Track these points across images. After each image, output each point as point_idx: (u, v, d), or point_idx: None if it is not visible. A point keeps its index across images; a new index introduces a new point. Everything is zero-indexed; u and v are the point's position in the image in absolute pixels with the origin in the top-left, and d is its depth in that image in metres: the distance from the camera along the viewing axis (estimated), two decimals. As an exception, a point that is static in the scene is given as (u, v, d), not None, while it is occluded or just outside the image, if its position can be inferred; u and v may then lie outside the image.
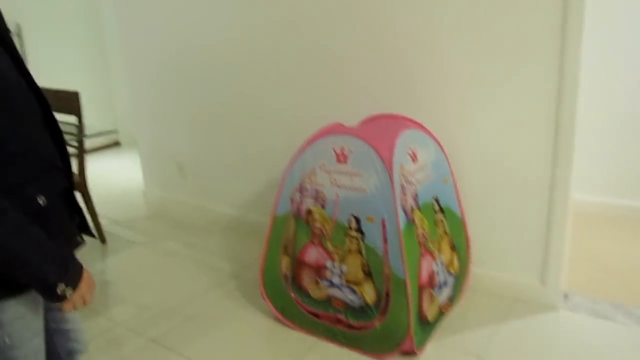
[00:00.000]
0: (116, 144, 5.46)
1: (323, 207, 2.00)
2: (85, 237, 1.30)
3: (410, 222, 1.89)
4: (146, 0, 3.19)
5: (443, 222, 2.12)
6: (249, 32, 2.78)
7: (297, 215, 2.08)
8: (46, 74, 4.76)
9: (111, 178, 4.39)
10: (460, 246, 2.22)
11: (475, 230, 2.31)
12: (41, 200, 1.10)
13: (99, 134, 3.03)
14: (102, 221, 3.28)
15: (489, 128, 2.19)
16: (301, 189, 2.06)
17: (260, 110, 2.89)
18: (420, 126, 2.16)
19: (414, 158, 1.97)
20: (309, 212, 2.04)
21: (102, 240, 3.12)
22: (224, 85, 3.00)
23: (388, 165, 1.84)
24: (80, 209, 1.30)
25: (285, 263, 2.15)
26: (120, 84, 5.13)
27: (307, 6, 2.51)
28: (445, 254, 2.11)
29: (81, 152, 2.94)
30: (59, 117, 3.11)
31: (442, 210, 2.12)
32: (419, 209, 1.96)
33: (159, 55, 3.25)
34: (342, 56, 2.47)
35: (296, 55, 2.64)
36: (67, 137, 2.80)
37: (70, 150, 2.76)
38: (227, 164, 3.17)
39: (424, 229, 1.97)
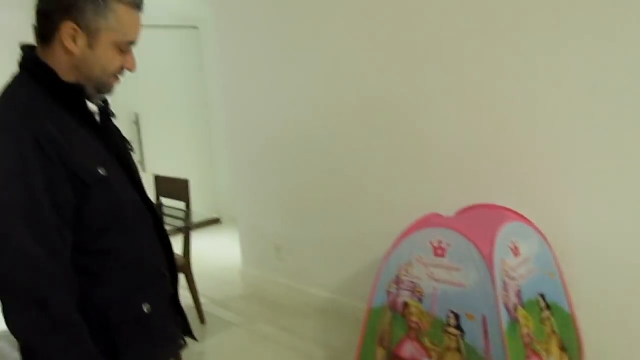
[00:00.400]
0: (217, 221, 5.73)
1: (420, 301, 1.96)
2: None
3: (514, 320, 1.79)
4: (250, 91, 3.43)
5: (551, 320, 1.98)
6: (347, 115, 2.88)
7: (393, 307, 2.05)
8: (158, 158, 5.20)
9: (211, 256, 4.58)
10: (571, 346, 2.06)
11: (588, 328, 2.13)
12: (146, 308, 1.18)
13: (204, 221, 3.19)
14: (202, 300, 3.40)
15: (603, 218, 2.06)
16: (398, 281, 2.03)
17: (357, 194, 2.94)
18: (521, 217, 2.09)
19: (515, 252, 1.90)
20: (406, 305, 2.00)
21: (202, 320, 3.23)
22: (321, 167, 3.10)
23: (488, 261, 1.78)
24: (183, 313, 1.36)
25: (380, 356, 2.10)
26: (223, 167, 5.46)
27: (407, 89, 2.58)
28: (555, 355, 1.96)
29: (187, 236, 3.11)
30: (170, 202, 3.36)
31: (549, 307, 1.99)
32: (523, 306, 1.86)
33: (259, 138, 3.44)
34: (440, 141, 2.48)
35: (394, 139, 2.68)
36: (175, 221, 3.01)
37: (175, 230, 2.95)
38: (323, 246, 3.21)
39: (529, 328, 1.85)
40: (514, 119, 2.21)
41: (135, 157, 1.33)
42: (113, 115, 1.27)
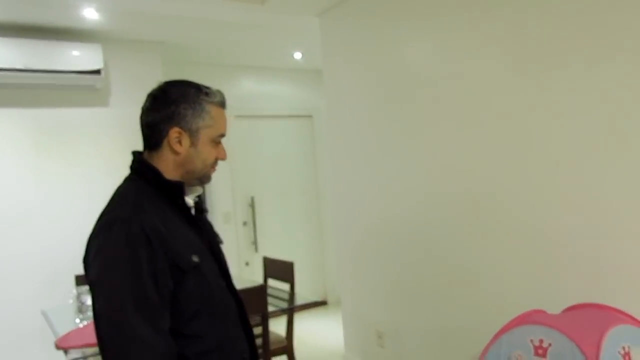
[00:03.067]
0: (323, 303, 5.79)
1: (521, 403, 1.85)
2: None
3: None
4: (355, 178, 3.57)
5: None
6: (451, 206, 2.89)
7: (492, 408, 1.94)
8: (270, 239, 5.46)
9: (315, 338, 4.61)
10: None
11: None
12: None
13: (308, 303, 3.25)
14: (303, 384, 3.42)
15: None
16: (497, 380, 1.94)
17: (459, 284, 2.88)
18: (635, 321, 1.93)
19: (626, 359, 1.75)
20: (506, 407, 1.89)
21: (301, 404, 3.24)
22: (423, 256, 3.09)
23: (595, 365, 1.65)
24: None
25: None
26: (331, 251, 5.59)
27: (513, 183, 2.56)
28: None
29: (290, 317, 3.21)
30: (275, 283, 3.49)
31: None
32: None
33: (363, 225, 3.53)
34: (546, 233, 2.40)
35: (499, 231, 2.63)
36: (279, 302, 3.13)
37: (279, 311, 3.05)
38: (424, 335, 3.14)
39: None
40: (630, 220, 2.10)
41: (224, 247, 1.49)
42: (206, 210, 1.45)
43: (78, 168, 3.90)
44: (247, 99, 5.41)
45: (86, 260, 1.21)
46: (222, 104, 1.36)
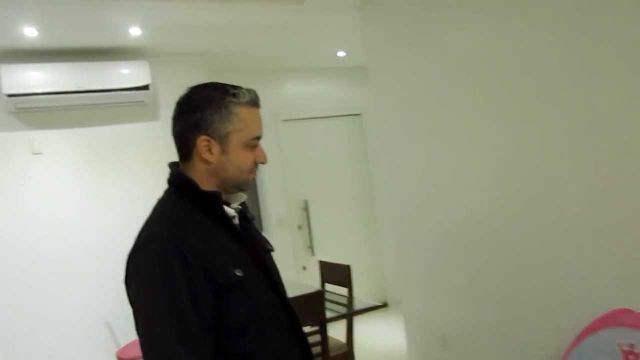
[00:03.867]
0: (384, 305, 5.66)
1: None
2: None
3: None
4: (412, 176, 3.44)
5: None
6: (521, 197, 2.72)
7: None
8: (326, 242, 5.39)
9: (376, 343, 4.50)
10: None
11: None
12: None
13: (367, 307, 3.14)
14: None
15: None
16: (579, 388, 1.78)
17: (532, 282, 2.70)
18: None
19: None
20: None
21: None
22: (491, 253, 2.92)
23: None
24: None
25: None
26: (389, 251, 5.46)
27: (589, 171, 2.37)
28: None
29: (350, 323, 3.12)
30: (332, 288, 3.42)
31: None
32: None
33: (424, 224, 3.39)
34: (635, 223, 2.19)
35: (577, 221, 2.42)
36: (337, 307, 3.05)
37: (338, 316, 2.96)
38: (493, 338, 2.97)
39: None
40: None
41: (274, 255, 1.40)
42: (252, 218, 1.36)
43: (131, 182, 3.95)
44: (293, 102, 5.37)
45: (125, 280, 1.17)
46: (253, 103, 1.26)
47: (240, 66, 4.97)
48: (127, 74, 3.91)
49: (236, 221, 1.28)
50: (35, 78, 3.62)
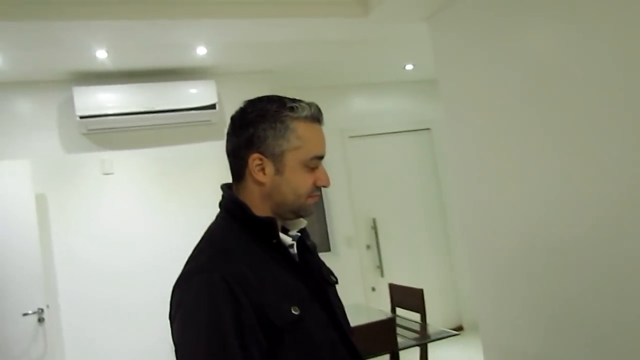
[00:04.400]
0: (459, 328, 5.36)
1: None
2: None
3: None
4: (485, 193, 3.21)
5: None
6: (613, 215, 2.44)
7: None
8: (396, 263, 5.18)
9: (453, 369, 4.22)
10: None
11: None
12: None
13: (442, 335, 2.92)
14: None
15: None
16: None
17: (629, 309, 2.40)
18: None
19: None
20: None
21: None
22: (579, 276, 2.64)
23: None
24: None
25: None
26: (464, 272, 5.17)
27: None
28: None
29: (423, 351, 2.92)
30: (404, 313, 3.22)
31: None
32: None
33: (502, 243, 3.14)
34: None
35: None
36: (409, 333, 2.85)
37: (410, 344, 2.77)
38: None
39: None
40: None
41: (338, 288, 1.25)
42: (313, 247, 1.21)
43: (197, 202, 3.95)
44: (360, 117, 5.25)
45: (170, 315, 1.04)
46: (314, 118, 1.12)
47: (306, 83, 4.92)
48: (194, 93, 3.94)
49: (294, 250, 1.13)
50: (106, 99, 3.70)
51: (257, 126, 1.08)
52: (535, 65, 2.74)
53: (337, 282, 1.26)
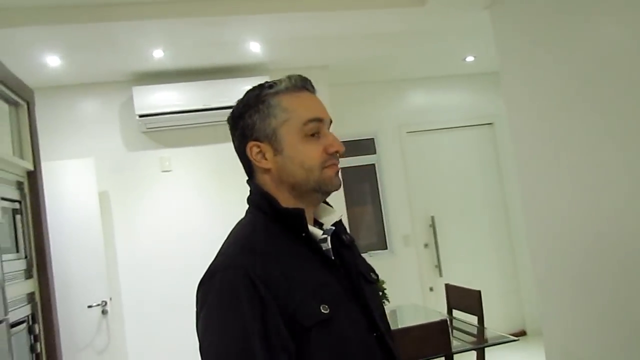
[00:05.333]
0: (522, 333, 5.12)
1: None
2: None
3: None
4: (549, 191, 3.02)
5: None
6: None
7: None
8: (455, 262, 5.01)
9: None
10: None
11: None
12: None
13: (502, 339, 2.76)
14: None
15: None
16: None
17: None
18: None
19: None
20: None
21: None
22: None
23: None
24: None
25: None
26: (528, 273, 4.92)
27: None
28: None
29: (480, 356, 2.78)
30: (460, 315, 3.09)
31: None
32: None
33: (568, 245, 2.96)
34: None
35: None
36: (465, 337, 2.72)
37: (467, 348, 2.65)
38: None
39: None
40: None
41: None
42: (350, 241, 1.13)
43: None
44: (418, 112, 5.11)
45: (196, 311, 1.01)
46: (297, 87, 1.06)
47: (362, 78, 4.84)
48: (249, 90, 3.96)
49: (328, 245, 1.05)
50: (164, 98, 3.78)
51: (244, 116, 1.05)
52: (604, 57, 2.55)
53: (377, 280, 1.18)
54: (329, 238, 1.05)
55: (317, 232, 1.04)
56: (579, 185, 2.80)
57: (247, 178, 1.12)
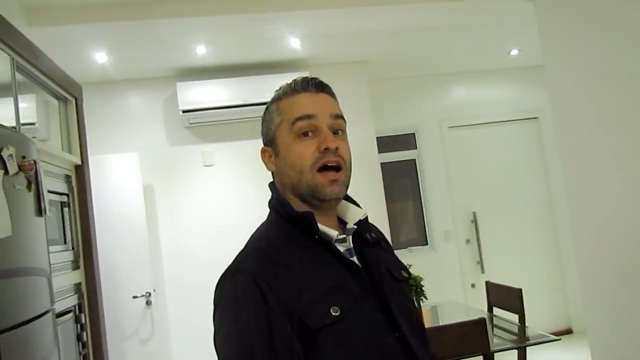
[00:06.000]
0: (568, 332, 4.99)
1: None
2: None
3: None
4: (595, 187, 2.93)
5: None
6: None
7: None
8: (497, 259, 4.91)
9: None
10: None
11: None
12: None
13: (544, 339, 2.68)
14: None
15: None
16: None
17: None
18: None
19: None
20: None
21: None
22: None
23: None
24: None
25: None
26: (573, 270, 4.78)
27: None
28: None
29: (521, 356, 2.72)
30: (501, 312, 3.03)
31: None
32: None
33: (614, 242, 2.85)
34: None
35: None
36: (506, 335, 2.67)
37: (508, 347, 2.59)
38: None
39: None
40: None
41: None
42: (374, 240, 1.11)
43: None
44: (460, 107, 5.03)
45: (213, 310, 1.04)
46: (295, 90, 1.06)
47: (402, 73, 4.80)
48: (289, 85, 3.98)
49: (350, 244, 1.05)
50: (206, 94, 3.85)
51: (262, 125, 1.13)
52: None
53: (408, 278, 1.17)
54: (350, 238, 1.06)
55: (332, 232, 1.03)
56: (625, 182, 2.70)
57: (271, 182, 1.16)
